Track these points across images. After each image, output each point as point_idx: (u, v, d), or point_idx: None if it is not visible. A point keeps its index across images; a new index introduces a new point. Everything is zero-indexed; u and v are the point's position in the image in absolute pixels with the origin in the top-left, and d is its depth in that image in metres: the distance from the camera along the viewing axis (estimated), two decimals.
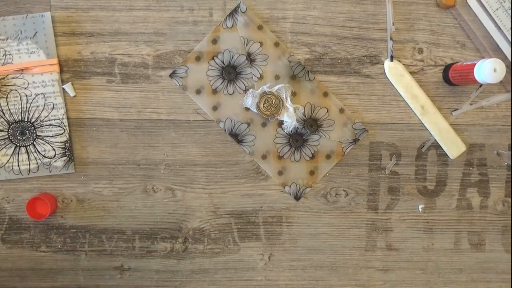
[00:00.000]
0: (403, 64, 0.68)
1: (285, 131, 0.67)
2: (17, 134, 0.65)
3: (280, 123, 0.67)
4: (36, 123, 0.65)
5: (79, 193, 0.67)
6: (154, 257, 0.69)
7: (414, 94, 0.68)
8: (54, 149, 0.65)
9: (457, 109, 0.69)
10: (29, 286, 0.68)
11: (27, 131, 0.65)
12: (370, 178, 0.69)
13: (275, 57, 0.66)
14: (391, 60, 0.67)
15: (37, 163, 0.65)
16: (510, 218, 0.71)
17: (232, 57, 0.66)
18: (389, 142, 0.69)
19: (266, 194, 0.69)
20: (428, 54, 0.68)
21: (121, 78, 0.66)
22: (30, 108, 0.65)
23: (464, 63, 0.65)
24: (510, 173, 0.70)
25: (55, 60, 0.64)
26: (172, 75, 0.66)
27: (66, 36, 0.65)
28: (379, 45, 0.68)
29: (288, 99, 0.66)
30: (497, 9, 0.67)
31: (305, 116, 0.67)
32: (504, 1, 0.66)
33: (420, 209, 0.70)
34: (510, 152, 0.70)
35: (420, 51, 0.68)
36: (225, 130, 0.67)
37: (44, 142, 0.65)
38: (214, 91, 0.66)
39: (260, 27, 0.66)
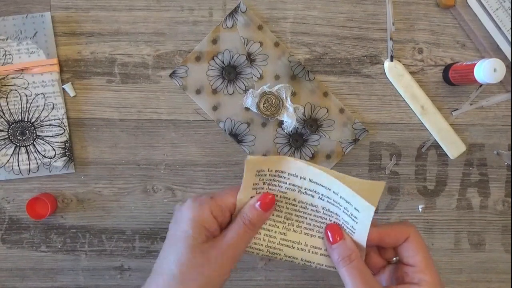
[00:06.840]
0: (403, 64, 0.68)
1: (285, 131, 0.67)
2: (17, 134, 0.65)
3: (280, 123, 0.67)
4: (36, 123, 0.65)
5: (79, 193, 0.67)
6: (154, 257, 0.68)
7: (414, 94, 0.68)
8: (54, 149, 0.65)
9: (457, 109, 0.69)
10: (29, 286, 0.68)
11: (27, 131, 0.65)
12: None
13: (275, 57, 0.66)
14: (391, 60, 0.67)
15: (37, 163, 0.65)
16: (510, 218, 0.71)
17: (232, 57, 0.66)
18: (389, 142, 0.69)
19: None
20: (428, 54, 0.68)
21: (121, 78, 0.66)
22: (30, 108, 0.65)
23: (464, 63, 0.65)
24: (510, 173, 0.70)
25: (55, 60, 0.64)
26: (172, 75, 0.66)
27: (66, 36, 0.65)
28: (379, 45, 0.68)
29: (288, 99, 0.66)
30: (497, 9, 0.67)
31: (305, 116, 0.67)
32: (504, 1, 0.66)
33: (420, 209, 0.70)
34: (510, 152, 0.70)
35: (420, 51, 0.68)
36: (225, 130, 0.67)
37: (44, 142, 0.65)
38: (214, 91, 0.66)
39: (260, 27, 0.66)
